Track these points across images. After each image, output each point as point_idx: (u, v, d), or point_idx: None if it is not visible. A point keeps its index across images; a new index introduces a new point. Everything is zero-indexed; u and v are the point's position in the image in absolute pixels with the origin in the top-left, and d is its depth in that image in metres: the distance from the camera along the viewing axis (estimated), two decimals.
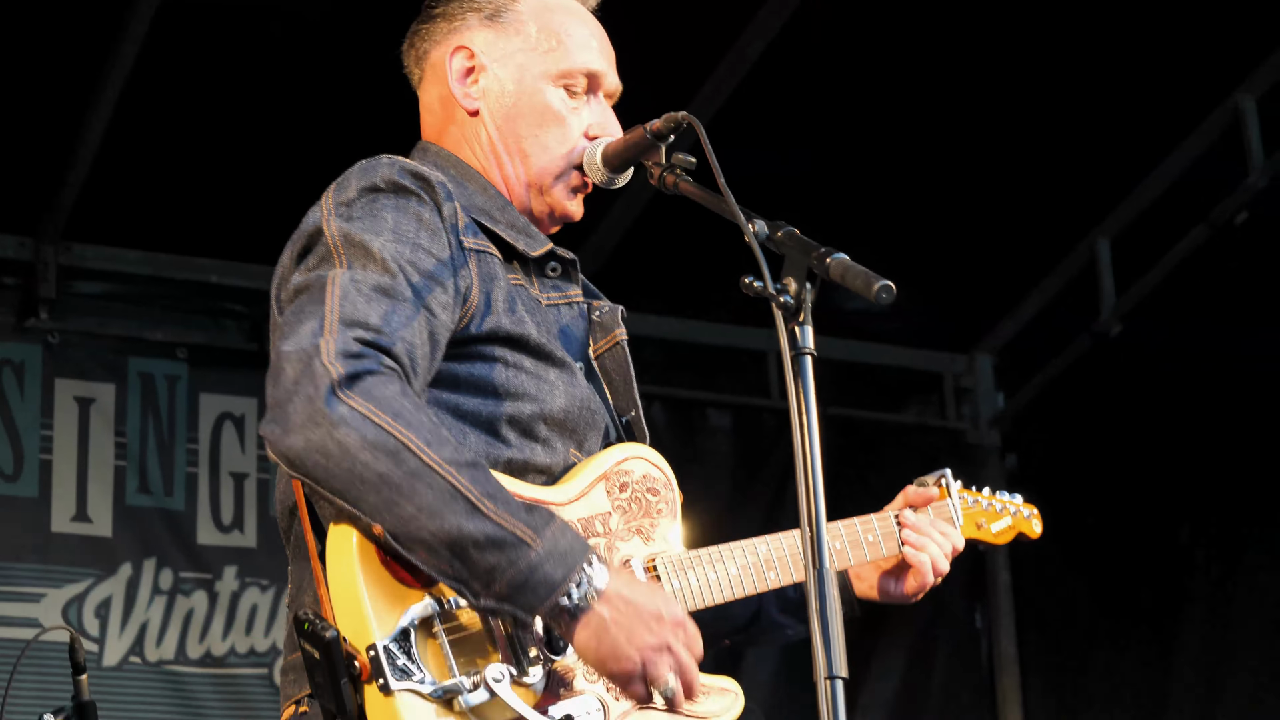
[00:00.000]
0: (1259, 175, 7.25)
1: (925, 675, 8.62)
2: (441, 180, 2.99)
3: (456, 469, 2.64)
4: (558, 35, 3.20)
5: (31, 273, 7.30)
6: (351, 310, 2.72)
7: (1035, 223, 7.96)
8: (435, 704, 2.68)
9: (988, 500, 3.65)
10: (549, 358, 3.00)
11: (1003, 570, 8.74)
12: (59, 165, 6.89)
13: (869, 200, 7.23)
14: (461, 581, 2.66)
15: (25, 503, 7.23)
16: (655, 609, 2.72)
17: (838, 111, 7.04)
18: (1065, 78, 7.03)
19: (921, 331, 8.59)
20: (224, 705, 7.35)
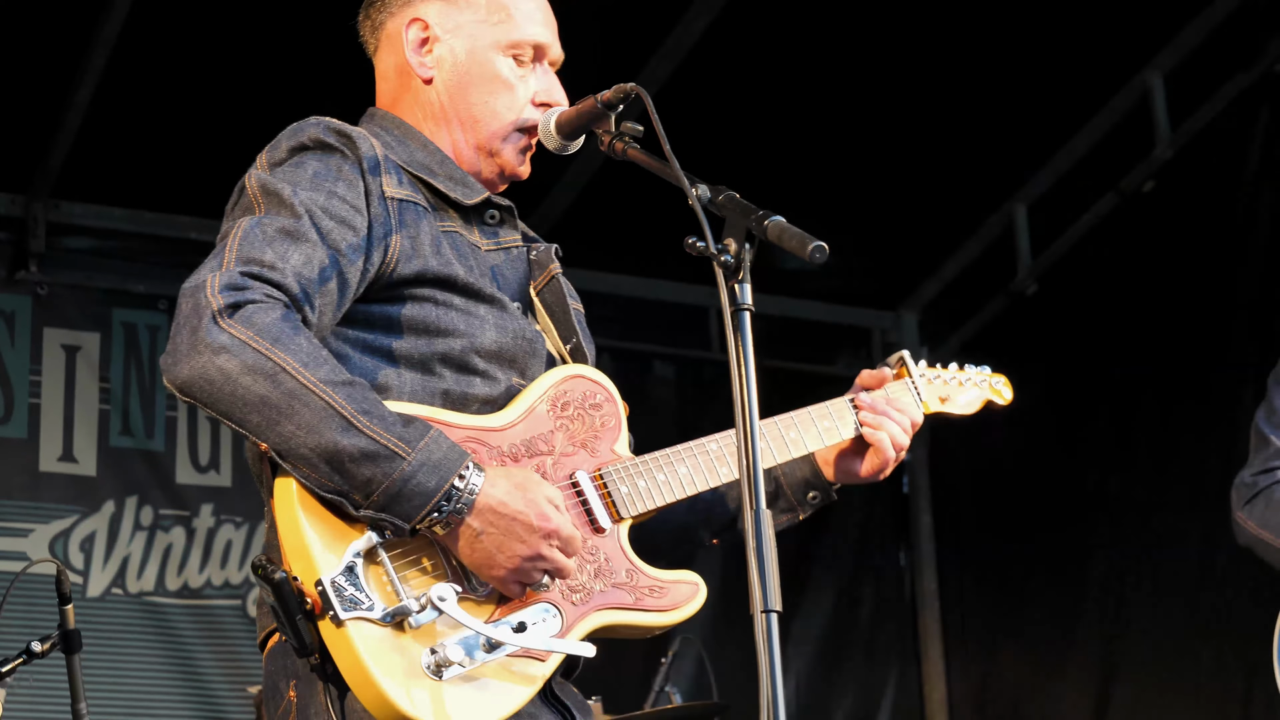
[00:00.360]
0: (1165, 147, 7.29)
1: (853, 610, 8.65)
2: (366, 136, 2.99)
3: (332, 388, 2.66)
4: (506, 9, 3.18)
5: (22, 228, 7.27)
6: (248, 250, 2.75)
7: (958, 190, 7.97)
8: (388, 628, 2.68)
9: (952, 375, 3.58)
10: (478, 295, 2.99)
11: (925, 514, 8.80)
12: (48, 127, 6.85)
13: (806, 167, 7.23)
14: (342, 494, 2.68)
15: (15, 444, 7.21)
16: (526, 520, 2.72)
17: (775, 85, 7.04)
18: (987, 57, 7.03)
19: (852, 290, 8.59)
20: (200, 634, 7.34)
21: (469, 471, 2.70)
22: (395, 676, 2.67)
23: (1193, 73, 7.22)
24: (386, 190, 2.96)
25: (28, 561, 6.68)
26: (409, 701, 2.66)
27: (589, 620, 2.87)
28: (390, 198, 2.96)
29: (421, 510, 2.67)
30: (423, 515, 2.68)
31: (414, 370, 2.93)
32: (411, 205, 3.00)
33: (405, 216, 2.97)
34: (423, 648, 2.71)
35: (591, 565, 2.90)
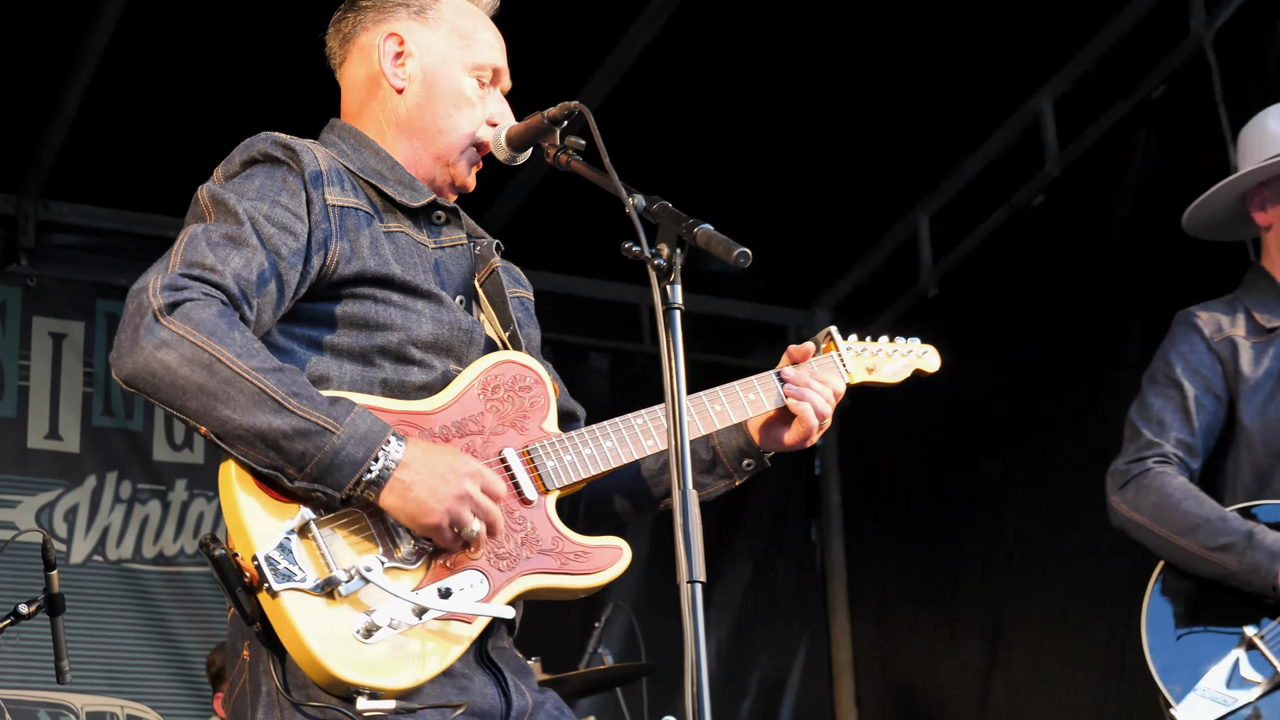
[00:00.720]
0: (1053, 165, 7.31)
1: (769, 579, 8.68)
2: (310, 150, 3.00)
3: (264, 374, 2.67)
4: (470, 35, 3.20)
5: (14, 225, 7.25)
6: (191, 254, 2.77)
7: (867, 202, 7.98)
8: (320, 597, 2.69)
9: (880, 347, 3.57)
10: (415, 291, 2.99)
11: (834, 493, 8.85)
12: (39, 132, 6.82)
13: (731, 179, 7.24)
14: (278, 469, 2.69)
15: (5, 422, 7.18)
16: (450, 465, 2.74)
17: (705, 103, 7.03)
18: (894, 84, 7.03)
19: (771, 290, 8.62)
20: (173, 598, 7.34)
21: (394, 443, 2.71)
22: (326, 641, 2.67)
23: (1079, 99, 7.26)
24: (328, 199, 2.96)
25: (16, 531, 6.71)
26: (339, 663, 2.66)
27: (515, 585, 2.86)
28: (332, 205, 2.96)
29: (351, 478, 2.69)
30: (353, 483, 2.69)
31: (354, 362, 2.93)
32: (353, 211, 2.99)
33: (346, 222, 2.97)
34: (353, 614, 2.71)
35: (519, 534, 2.89)
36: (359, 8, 3.24)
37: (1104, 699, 6.59)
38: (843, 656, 8.62)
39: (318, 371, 2.91)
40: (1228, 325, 4.17)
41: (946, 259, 7.97)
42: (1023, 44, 6.97)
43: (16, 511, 7.09)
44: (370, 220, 3.01)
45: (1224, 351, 4.13)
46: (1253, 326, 4.15)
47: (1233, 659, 3.81)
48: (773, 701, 8.50)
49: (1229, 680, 3.79)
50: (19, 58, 6.43)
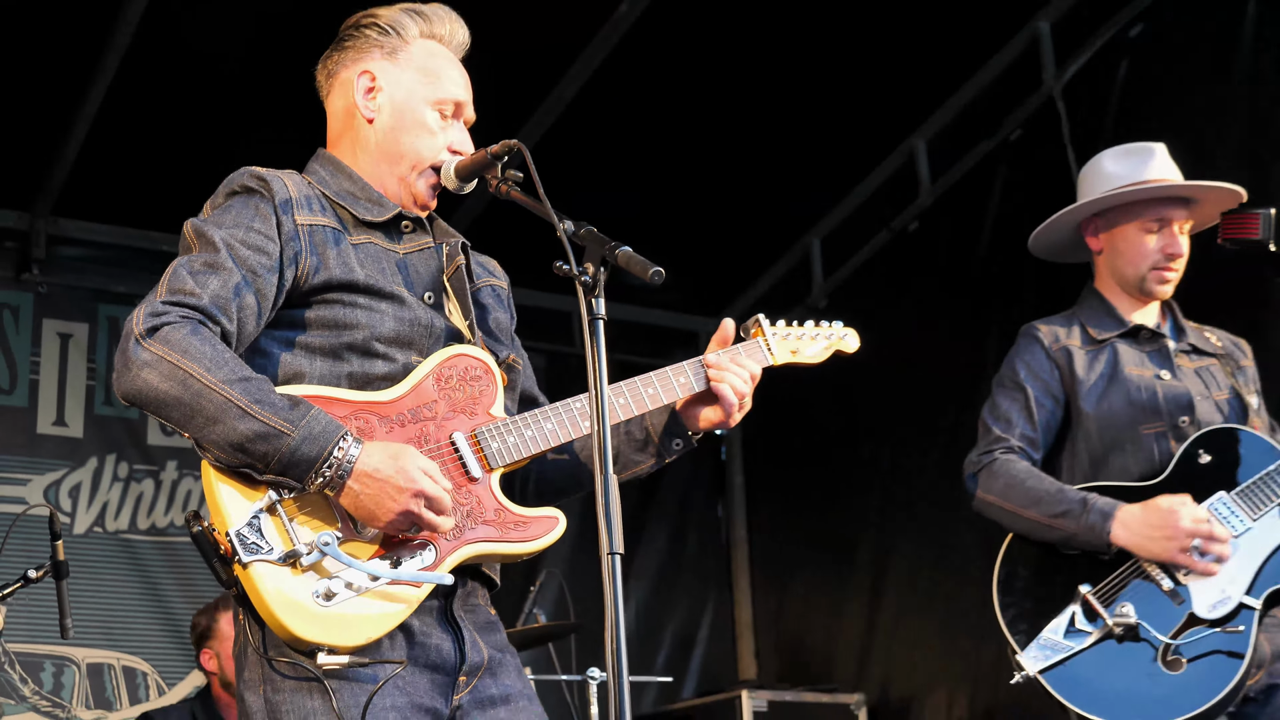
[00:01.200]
0: (926, 196, 7.36)
1: (680, 550, 8.69)
2: (280, 178, 3.00)
3: (229, 385, 2.69)
4: (436, 73, 3.17)
5: (27, 239, 7.22)
6: (174, 283, 2.80)
7: (766, 225, 8.02)
8: (284, 567, 2.70)
9: (803, 331, 3.48)
10: (379, 293, 2.97)
11: (738, 476, 8.86)
12: (49, 159, 6.79)
13: (650, 206, 7.23)
14: (249, 467, 2.71)
15: (17, 411, 7.14)
16: (396, 484, 2.72)
17: (629, 141, 7.03)
18: (792, 125, 7.03)
19: (683, 300, 8.59)
20: (164, 564, 7.30)
21: (346, 443, 2.72)
22: (289, 605, 2.68)
23: (948, 140, 7.29)
24: (298, 220, 2.96)
25: (26, 505, 6.69)
26: (300, 624, 2.68)
27: (460, 552, 2.85)
28: (301, 225, 2.96)
29: (308, 474, 2.70)
30: (310, 478, 2.71)
31: (325, 358, 2.93)
32: (321, 229, 2.99)
33: (314, 239, 2.96)
34: (314, 581, 2.71)
35: (465, 508, 2.88)
36: (342, 48, 3.22)
37: (972, 652, 6.63)
38: (744, 617, 8.64)
39: (293, 368, 2.91)
40: (1064, 336, 4.20)
41: (835, 275, 8.00)
42: (902, 91, 7.01)
43: (27, 489, 7.06)
44: (338, 235, 3.00)
45: (1061, 359, 4.16)
46: (1086, 337, 4.19)
47: (1069, 613, 3.83)
48: (683, 655, 8.48)
49: (1066, 631, 3.81)
50: (32, 95, 6.40)
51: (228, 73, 6.34)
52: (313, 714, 2.73)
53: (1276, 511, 3.85)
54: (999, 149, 7.00)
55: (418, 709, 2.80)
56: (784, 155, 7.25)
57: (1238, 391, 4.12)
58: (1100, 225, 4.26)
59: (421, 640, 2.84)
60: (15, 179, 6.99)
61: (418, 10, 3.22)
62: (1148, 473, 3.99)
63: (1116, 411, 4.07)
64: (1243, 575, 3.80)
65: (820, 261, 8.14)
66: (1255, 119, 5.69)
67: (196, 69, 6.29)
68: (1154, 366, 4.13)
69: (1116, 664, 3.76)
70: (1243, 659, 3.71)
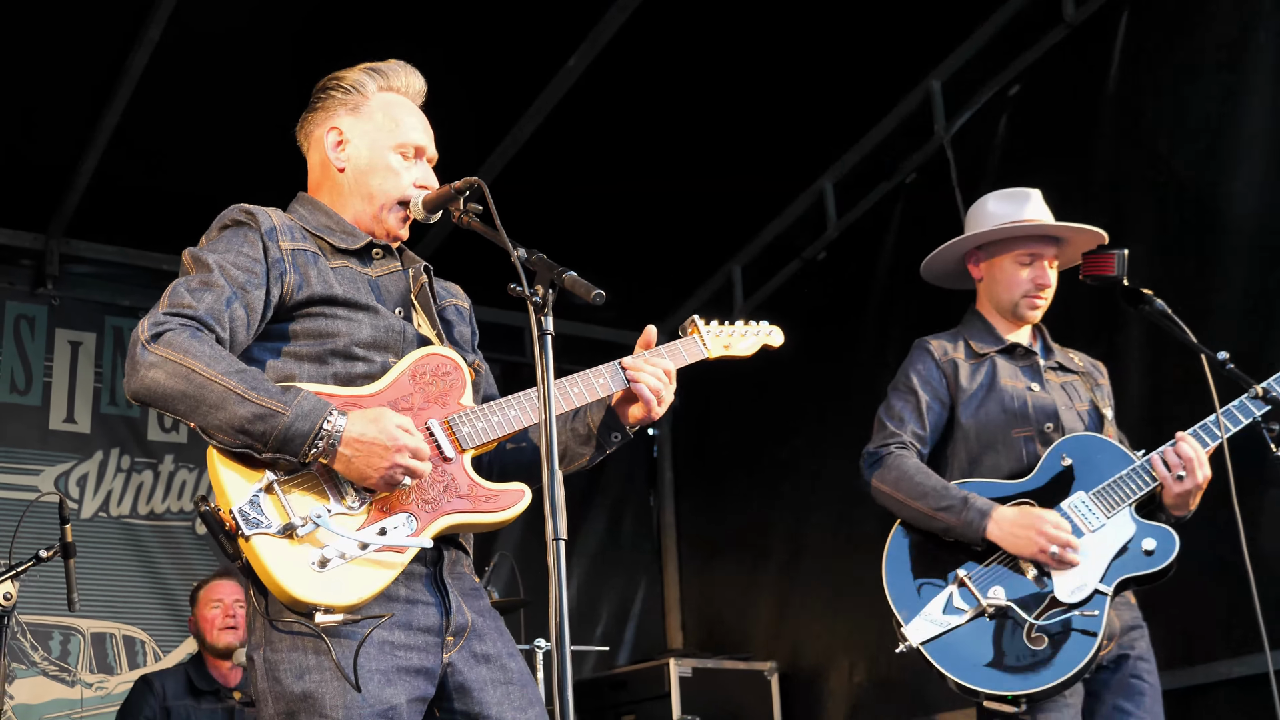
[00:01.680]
0: (833, 229, 7.41)
1: (617, 536, 8.69)
2: (266, 213, 3.02)
3: (228, 376, 2.69)
4: (396, 120, 3.16)
5: (42, 258, 7.18)
6: (173, 299, 2.81)
7: (693, 253, 8.04)
8: (282, 539, 2.69)
9: (734, 329, 3.48)
10: (355, 305, 2.98)
11: (668, 470, 8.88)
12: (62, 187, 6.77)
13: (594, 234, 7.23)
14: (249, 447, 2.71)
15: (32, 409, 7.10)
16: (381, 442, 2.73)
17: (578, 176, 7.03)
18: (715, 167, 7.03)
19: (621, 318, 8.50)
20: (161, 546, 7.27)
21: (334, 416, 2.72)
22: (288, 571, 2.68)
23: (852, 180, 7.32)
24: (282, 245, 2.97)
25: (39, 493, 6.66)
26: (299, 588, 2.67)
27: (439, 522, 2.85)
28: (285, 250, 2.96)
29: (303, 447, 2.70)
30: (305, 450, 2.70)
31: (311, 363, 2.93)
32: (304, 253, 2.99)
33: (297, 261, 2.97)
34: (310, 550, 2.71)
35: (441, 484, 2.88)
36: (314, 109, 3.22)
37: (870, 626, 6.60)
38: (672, 594, 8.64)
39: (283, 372, 2.90)
40: (951, 350, 4.23)
41: (754, 297, 8.02)
42: (814, 137, 7.04)
43: (39, 478, 7.02)
44: (317, 258, 3.01)
45: (948, 369, 4.19)
46: (969, 351, 4.23)
47: (948, 593, 3.87)
48: (619, 628, 8.48)
49: (944, 608, 3.85)
50: (48, 132, 6.38)
51: (223, 115, 6.30)
52: (308, 670, 2.73)
53: (1126, 511, 3.91)
54: (896, 190, 7.03)
55: (406, 670, 2.80)
56: (709, 192, 7.25)
57: (1096, 405, 4.18)
58: (981, 256, 4.30)
59: (409, 604, 2.84)
60: (33, 205, 6.97)
61: (375, 68, 3.21)
62: (1017, 471, 4.04)
63: (992, 417, 4.11)
64: (1097, 565, 3.85)
65: (741, 285, 8.16)
66: (1116, 169, 5.76)
67: (194, 109, 6.26)
68: (1026, 379, 4.17)
69: (987, 639, 3.80)
70: (1095, 638, 3.77)
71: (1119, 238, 5.54)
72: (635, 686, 6.68)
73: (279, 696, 2.74)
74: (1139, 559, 3.88)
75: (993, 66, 6.43)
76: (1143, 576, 3.89)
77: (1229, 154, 5.24)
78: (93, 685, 6.87)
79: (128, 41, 5.76)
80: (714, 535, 8.44)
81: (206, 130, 6.36)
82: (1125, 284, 3.82)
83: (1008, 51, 6.35)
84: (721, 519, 8.35)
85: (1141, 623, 4.02)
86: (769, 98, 6.58)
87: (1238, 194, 5.19)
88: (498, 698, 2.89)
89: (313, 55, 6.17)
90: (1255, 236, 5.13)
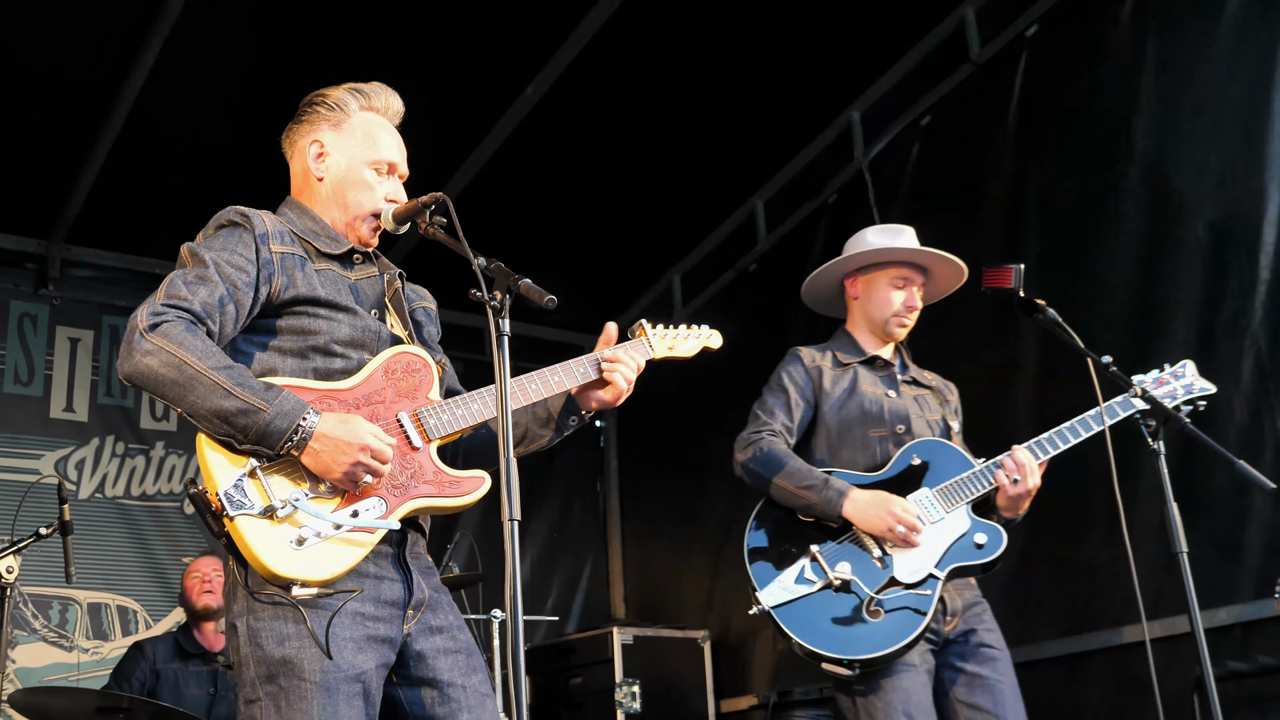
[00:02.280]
0: (764, 244, 7.42)
1: (567, 517, 8.67)
2: (260, 216, 3.01)
3: (217, 371, 2.69)
4: (373, 138, 3.16)
5: (45, 261, 7.11)
6: (170, 290, 2.80)
7: (637, 264, 8.06)
8: (264, 519, 2.70)
9: (677, 333, 3.51)
10: (336, 306, 2.98)
11: (613, 459, 8.87)
12: (63, 196, 6.71)
13: (548, 245, 7.21)
14: (231, 437, 2.71)
15: (34, 399, 7.02)
16: (346, 441, 2.73)
17: (532, 193, 7.01)
18: (657, 185, 7.03)
19: (572, 320, 8.52)
20: (152, 524, 7.19)
21: (309, 415, 2.73)
22: (269, 548, 2.68)
23: (782, 199, 7.34)
24: (273, 249, 2.96)
25: (40, 475, 6.58)
26: (278, 564, 2.68)
27: (406, 505, 2.86)
28: (275, 253, 2.96)
29: (280, 442, 2.70)
30: (281, 445, 2.71)
31: (294, 357, 2.92)
32: (292, 256, 2.99)
33: (285, 264, 2.96)
34: (289, 530, 2.71)
35: (408, 471, 2.88)
36: (299, 120, 3.21)
37: None
38: (615, 569, 8.65)
39: (268, 365, 2.90)
40: (819, 359, 4.33)
41: (691, 304, 8.03)
42: (747, 161, 7.07)
43: (40, 462, 6.93)
44: (304, 262, 3.00)
45: (815, 374, 4.28)
46: (835, 361, 4.32)
47: (801, 564, 3.93)
48: (567, 599, 8.46)
49: (796, 579, 3.91)
50: (50, 147, 6.32)
51: (212, 133, 6.27)
52: (287, 637, 2.73)
53: (964, 509, 3.99)
54: (820, 208, 7.05)
55: (374, 639, 2.80)
56: (653, 208, 7.26)
57: (945, 418, 4.27)
58: (860, 277, 4.40)
59: (377, 580, 2.84)
60: (36, 213, 6.90)
61: (359, 89, 3.20)
62: (871, 465, 4.12)
63: (852, 417, 4.19)
64: (934, 552, 3.92)
65: (680, 292, 8.16)
66: (1013, 192, 5.81)
67: (185, 128, 6.22)
68: (884, 387, 4.26)
69: (832, 608, 3.85)
70: (925, 616, 3.84)
71: (1015, 254, 5.62)
72: (582, 652, 6.67)
73: (260, 660, 2.73)
74: (970, 550, 3.94)
75: (906, 99, 6.48)
76: (972, 566, 3.96)
77: (1115, 180, 5.31)
78: (89, 650, 6.80)
79: (125, 64, 5.72)
80: (653, 518, 8.44)
81: (197, 147, 6.31)
82: (1021, 295, 3.86)
83: (920, 86, 6.39)
84: (660, 504, 8.35)
85: (982, 600, 4.09)
86: (707, 124, 6.60)
87: (1123, 214, 5.25)
88: (448, 665, 2.90)
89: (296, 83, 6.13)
90: (1137, 253, 5.19)
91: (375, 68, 3.92)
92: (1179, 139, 5.06)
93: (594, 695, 6.31)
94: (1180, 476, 3.78)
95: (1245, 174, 4.80)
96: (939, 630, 3.94)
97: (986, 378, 5.56)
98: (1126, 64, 5.33)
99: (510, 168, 6.73)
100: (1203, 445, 3.81)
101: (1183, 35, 5.10)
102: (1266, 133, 4.74)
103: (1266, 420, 4.61)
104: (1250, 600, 4.56)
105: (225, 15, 5.53)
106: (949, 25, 6.15)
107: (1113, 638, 5.05)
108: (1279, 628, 4.29)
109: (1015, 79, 5.86)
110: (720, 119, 6.58)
